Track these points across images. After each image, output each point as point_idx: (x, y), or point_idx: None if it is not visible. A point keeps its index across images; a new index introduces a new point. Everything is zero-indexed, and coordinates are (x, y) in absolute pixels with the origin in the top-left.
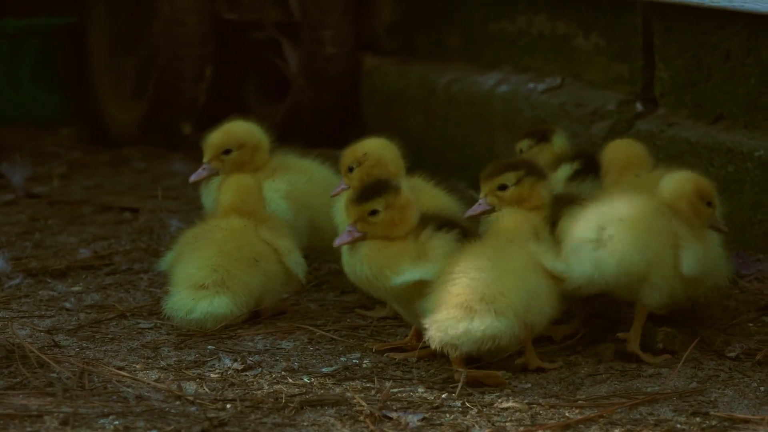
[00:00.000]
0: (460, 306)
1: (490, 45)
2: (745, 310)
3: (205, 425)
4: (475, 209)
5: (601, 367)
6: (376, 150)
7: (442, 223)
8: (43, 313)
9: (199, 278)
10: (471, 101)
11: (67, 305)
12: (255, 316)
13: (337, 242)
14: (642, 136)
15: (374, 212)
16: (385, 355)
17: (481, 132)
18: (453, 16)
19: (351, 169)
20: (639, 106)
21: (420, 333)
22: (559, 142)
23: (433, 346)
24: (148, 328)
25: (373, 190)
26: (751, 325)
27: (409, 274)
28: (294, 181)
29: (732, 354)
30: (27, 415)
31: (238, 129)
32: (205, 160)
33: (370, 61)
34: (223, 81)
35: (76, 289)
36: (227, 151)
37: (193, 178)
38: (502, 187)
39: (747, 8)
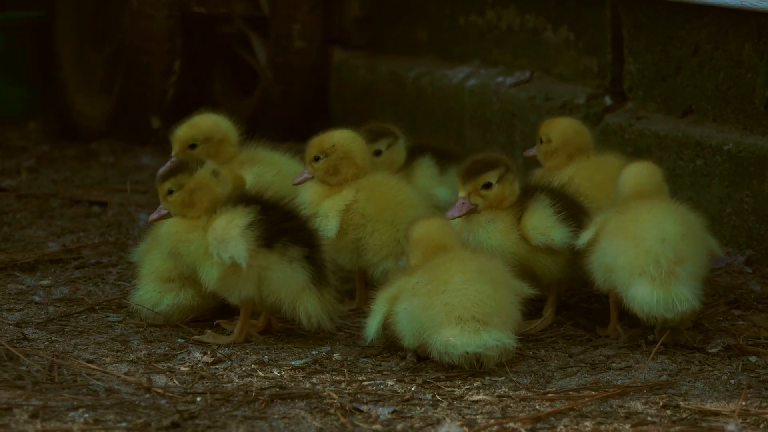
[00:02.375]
0: (473, 319)
1: (459, 39)
2: (715, 303)
3: (176, 418)
4: (460, 209)
5: (571, 360)
6: (344, 142)
7: (239, 200)
8: (12, 306)
9: (166, 270)
10: (440, 95)
11: (36, 299)
12: (223, 309)
13: (149, 218)
14: (611, 129)
15: (170, 192)
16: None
17: (450, 126)
18: (422, 10)
19: (317, 159)
20: (608, 100)
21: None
22: (403, 139)
23: (450, 359)
24: (118, 322)
25: (171, 171)
26: (720, 318)
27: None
28: (261, 174)
29: (713, 350)
30: None
31: (204, 122)
32: (173, 153)
33: (338, 55)
34: (191, 75)
35: (44, 282)
36: (193, 145)
37: (161, 171)
38: (487, 186)
39: (716, 2)
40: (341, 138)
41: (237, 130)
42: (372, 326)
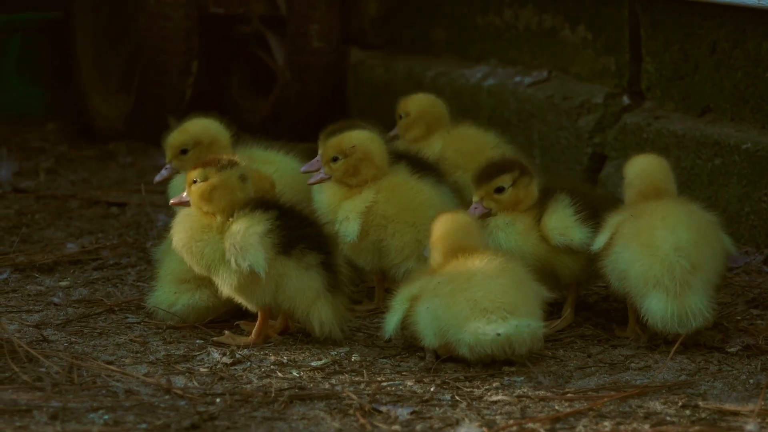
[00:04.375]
0: (499, 309)
1: (477, 38)
2: (734, 302)
3: (195, 419)
4: (471, 213)
5: (590, 360)
6: (365, 143)
7: (256, 205)
8: (31, 307)
9: (182, 272)
10: (458, 95)
11: (55, 300)
12: (241, 310)
13: (171, 202)
14: (629, 129)
15: (195, 181)
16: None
17: None
18: (439, 9)
19: (335, 159)
20: (626, 99)
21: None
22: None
23: (485, 351)
24: (137, 323)
25: (203, 162)
26: (739, 318)
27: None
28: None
29: (732, 349)
30: (16, 410)
31: (193, 127)
32: (166, 161)
33: (356, 55)
34: (209, 75)
35: (63, 283)
36: (184, 151)
37: (157, 179)
38: (499, 190)
39: (734, 1)
40: (361, 138)
41: (228, 133)
42: (391, 323)
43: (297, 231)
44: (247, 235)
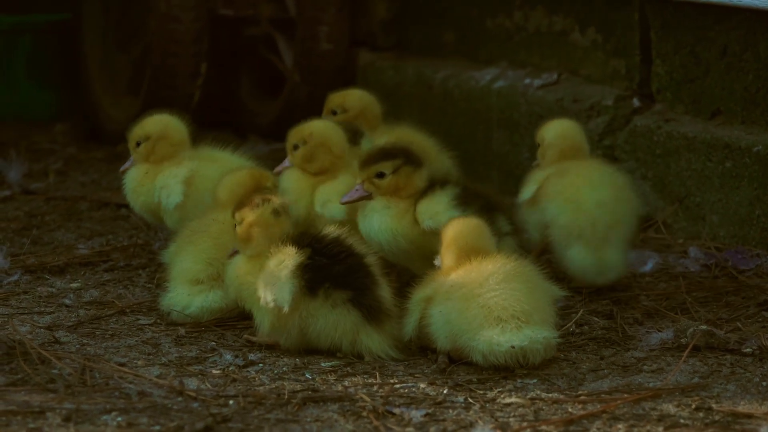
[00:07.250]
0: (513, 317)
1: (487, 41)
2: (745, 305)
3: (209, 421)
4: (352, 195)
5: (602, 363)
6: (322, 131)
7: (293, 240)
8: (42, 309)
9: (195, 272)
10: (467, 97)
11: (67, 302)
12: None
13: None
14: (639, 131)
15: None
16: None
17: (477, 128)
18: (448, 12)
19: (296, 147)
20: (636, 102)
21: None
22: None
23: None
24: (148, 324)
25: (239, 204)
26: (751, 320)
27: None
28: (198, 168)
29: (745, 351)
30: (29, 412)
31: (146, 122)
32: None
33: (365, 57)
34: (218, 77)
35: (74, 285)
36: (139, 143)
37: (122, 169)
38: (380, 175)
39: (745, 3)
40: (319, 127)
41: (185, 129)
42: (409, 325)
43: (323, 271)
44: (277, 270)
